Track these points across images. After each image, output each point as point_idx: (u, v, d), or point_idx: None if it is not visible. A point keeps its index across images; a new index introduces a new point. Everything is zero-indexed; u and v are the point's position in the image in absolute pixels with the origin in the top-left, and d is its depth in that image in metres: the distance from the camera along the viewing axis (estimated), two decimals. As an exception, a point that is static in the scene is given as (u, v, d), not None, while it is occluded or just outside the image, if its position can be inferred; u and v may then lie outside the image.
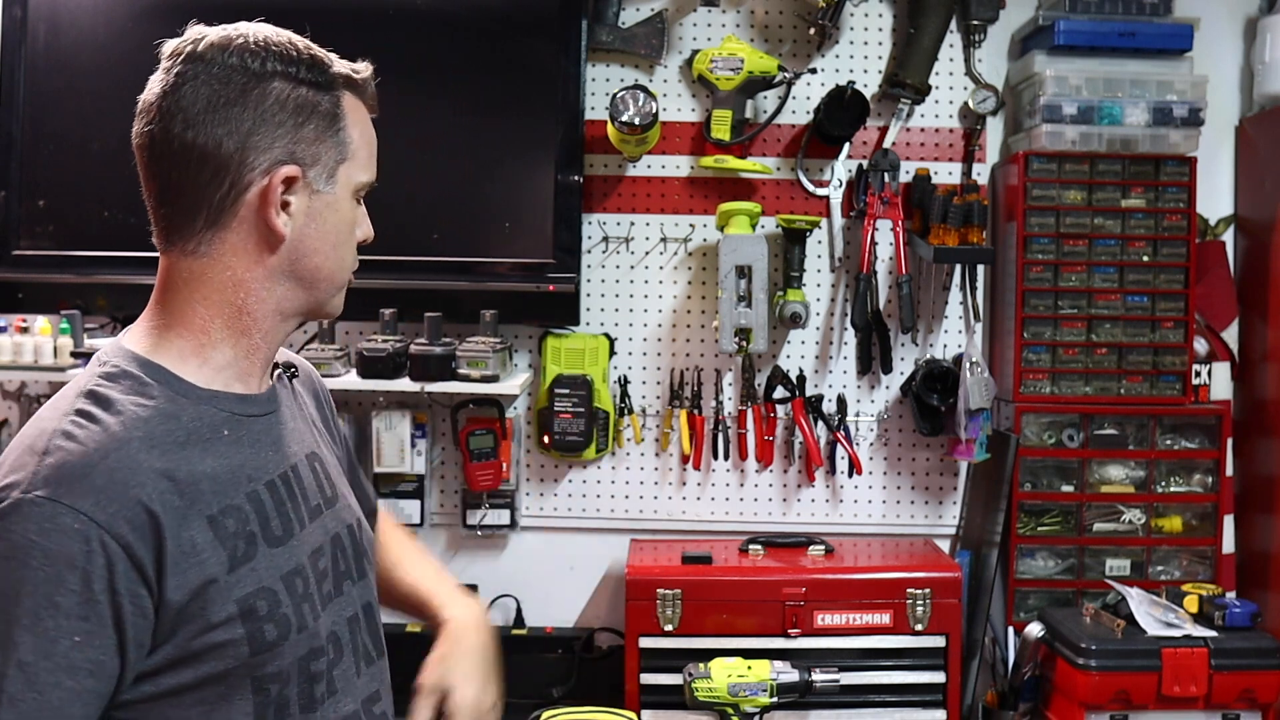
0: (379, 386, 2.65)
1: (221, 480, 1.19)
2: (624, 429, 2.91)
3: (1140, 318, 2.78)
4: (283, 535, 1.23)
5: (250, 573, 1.18)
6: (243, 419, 1.24)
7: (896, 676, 2.57)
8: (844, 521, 2.92)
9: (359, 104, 1.31)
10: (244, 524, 1.19)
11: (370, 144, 1.32)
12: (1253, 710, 2.49)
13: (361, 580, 1.36)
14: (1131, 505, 2.80)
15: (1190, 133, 2.78)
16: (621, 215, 2.91)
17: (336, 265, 1.28)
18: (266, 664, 1.18)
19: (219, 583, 1.15)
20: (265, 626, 1.18)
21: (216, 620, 1.14)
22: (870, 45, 2.90)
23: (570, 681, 2.78)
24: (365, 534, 1.40)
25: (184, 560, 1.13)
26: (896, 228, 2.82)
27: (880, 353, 2.88)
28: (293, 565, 1.23)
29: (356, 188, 1.29)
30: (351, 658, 1.31)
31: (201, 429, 1.20)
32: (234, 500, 1.19)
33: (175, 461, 1.15)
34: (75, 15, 2.73)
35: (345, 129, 1.27)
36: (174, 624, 1.13)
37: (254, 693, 1.18)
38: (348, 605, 1.32)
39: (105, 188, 2.71)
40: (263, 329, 1.26)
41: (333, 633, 1.27)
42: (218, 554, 1.15)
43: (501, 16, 2.77)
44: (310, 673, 1.23)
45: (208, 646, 1.14)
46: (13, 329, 2.72)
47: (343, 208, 1.27)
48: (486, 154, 2.78)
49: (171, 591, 1.12)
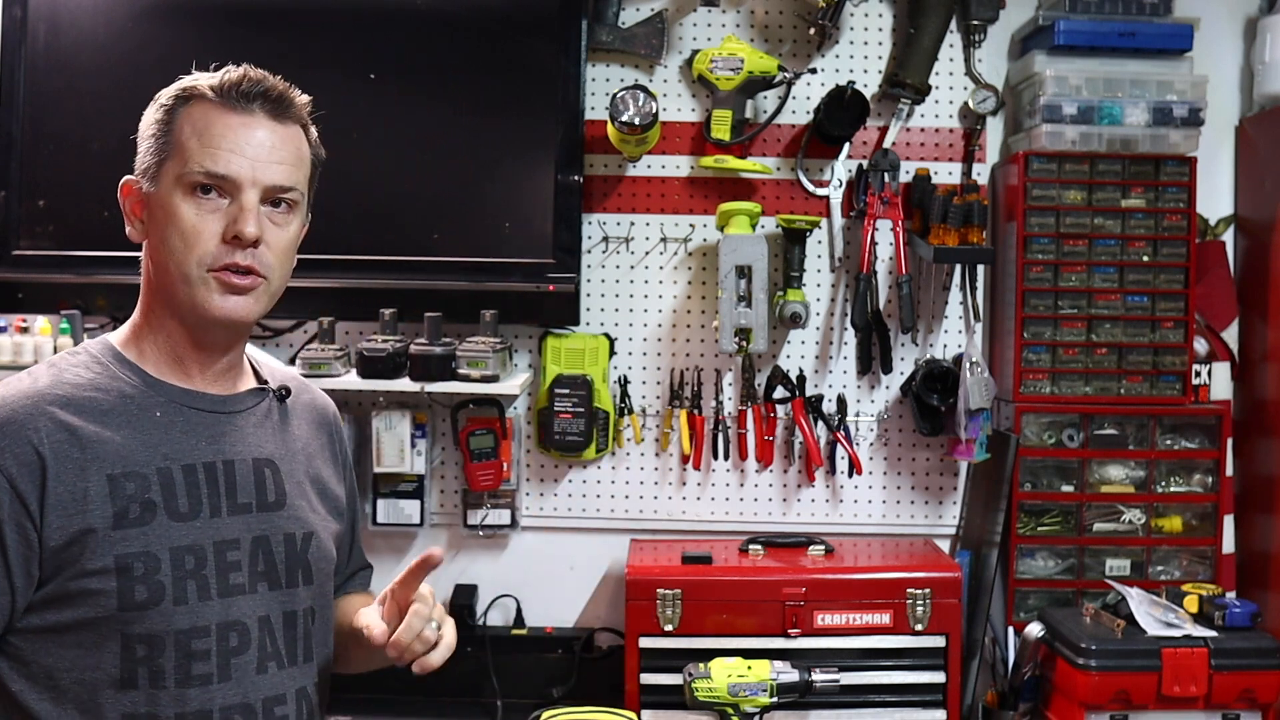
0: (379, 386, 2.65)
1: (133, 449, 1.34)
2: (624, 429, 2.91)
3: (1140, 318, 2.78)
4: (187, 513, 1.35)
5: (139, 535, 1.31)
6: (182, 408, 1.40)
7: (896, 676, 2.57)
8: (844, 521, 2.92)
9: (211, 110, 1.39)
10: (143, 490, 1.32)
11: (204, 134, 1.37)
12: (1253, 710, 2.49)
13: (289, 588, 1.44)
14: (1131, 505, 2.80)
15: (1190, 133, 2.78)
16: (621, 215, 2.91)
17: (170, 255, 1.37)
18: (134, 623, 1.31)
19: (97, 534, 1.29)
20: (136, 587, 1.30)
21: (91, 568, 1.29)
22: (870, 45, 2.90)
23: (570, 681, 2.78)
24: (314, 550, 1.48)
25: (69, 505, 1.29)
26: (896, 228, 2.82)
27: (880, 353, 2.88)
28: (188, 542, 1.35)
29: (179, 177, 1.37)
30: (255, 653, 1.39)
31: (131, 405, 1.36)
32: (141, 469, 1.33)
33: (86, 422, 1.32)
34: (75, 15, 2.73)
35: (172, 133, 1.38)
36: (56, 563, 1.29)
37: (122, 648, 1.31)
38: (261, 605, 1.40)
39: (105, 188, 2.65)
40: (167, 328, 1.41)
41: (239, 622, 1.37)
42: (104, 509, 1.30)
43: (501, 16, 2.77)
44: (190, 650, 1.33)
45: (81, 591, 1.29)
46: (13, 329, 2.72)
47: (167, 201, 1.37)
48: (486, 154, 2.78)
49: (52, 530, 1.28)
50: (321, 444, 1.59)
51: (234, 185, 1.37)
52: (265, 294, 1.41)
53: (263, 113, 1.40)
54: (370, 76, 2.75)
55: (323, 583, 1.50)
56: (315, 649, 1.48)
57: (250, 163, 1.37)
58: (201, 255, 1.36)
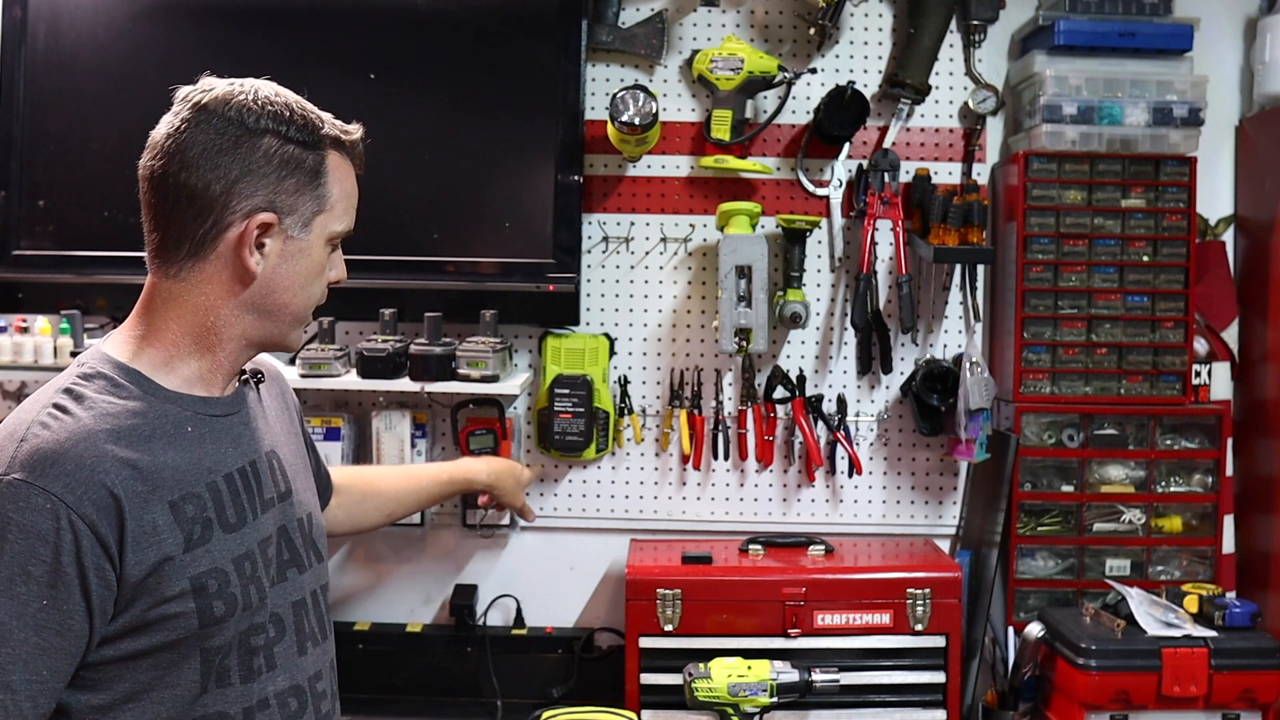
0: (379, 386, 2.65)
1: (183, 470, 1.36)
2: (624, 429, 2.91)
3: (1140, 318, 2.79)
4: (236, 522, 1.40)
5: (205, 554, 1.35)
6: (206, 418, 1.42)
7: (896, 676, 2.57)
8: (844, 521, 2.92)
9: (344, 161, 1.47)
10: (202, 510, 1.35)
11: (350, 197, 1.48)
12: (1253, 710, 2.49)
13: (310, 569, 1.53)
14: (1131, 505, 2.80)
15: (1190, 133, 2.78)
16: (621, 215, 2.91)
17: (302, 302, 1.46)
18: (213, 636, 1.35)
19: (174, 561, 1.32)
20: (214, 603, 1.34)
21: (170, 594, 1.31)
22: (870, 45, 2.90)
23: (570, 681, 2.78)
24: (316, 526, 1.58)
25: (144, 539, 1.30)
26: (896, 228, 2.82)
27: (880, 353, 2.88)
28: (244, 550, 1.39)
29: (331, 235, 1.46)
30: (294, 638, 1.47)
31: (166, 425, 1.37)
32: (194, 489, 1.36)
33: (139, 452, 1.32)
34: (75, 15, 2.73)
35: (326, 184, 1.43)
36: (133, 595, 1.29)
37: (201, 661, 1.35)
38: (294, 590, 1.48)
39: (105, 188, 2.71)
40: (227, 350, 1.44)
41: (275, 614, 1.44)
42: (175, 535, 1.32)
43: (501, 16, 2.77)
44: (250, 646, 1.40)
45: (162, 617, 1.31)
46: (13, 329, 2.72)
47: (314, 253, 1.44)
48: (486, 154, 2.78)
49: (131, 566, 1.29)
50: (289, 415, 1.67)
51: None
52: None
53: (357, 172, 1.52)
54: (370, 76, 2.75)
55: (326, 555, 1.61)
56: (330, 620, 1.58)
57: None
58: (320, 300, 1.50)
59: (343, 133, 1.47)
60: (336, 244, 1.50)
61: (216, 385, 1.46)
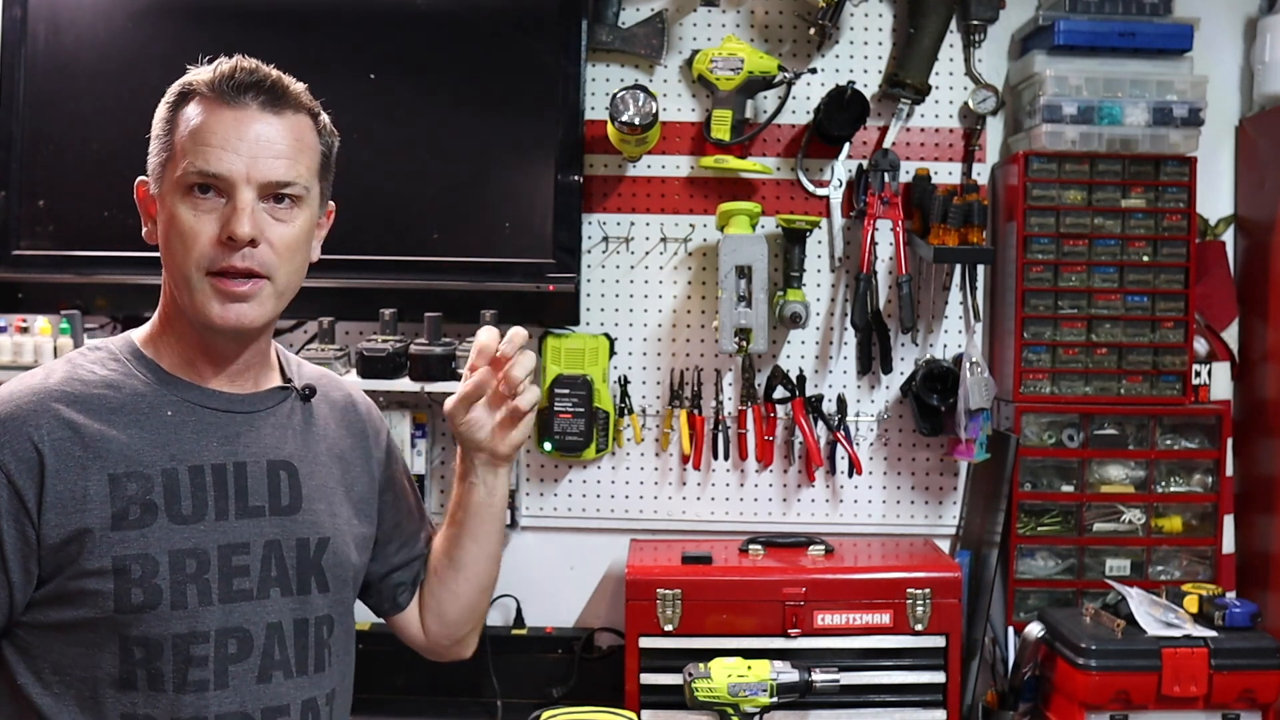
0: (379, 386, 2.65)
1: (137, 448, 1.31)
2: (624, 429, 2.91)
3: (1140, 318, 2.78)
4: (190, 516, 1.32)
5: (139, 537, 1.29)
6: (195, 407, 1.37)
7: (896, 676, 2.57)
8: (844, 521, 2.92)
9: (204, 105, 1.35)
10: (145, 492, 1.30)
11: (197, 132, 1.33)
12: (1253, 710, 2.49)
13: (301, 595, 1.39)
14: (1131, 505, 2.80)
15: (1190, 133, 2.78)
16: (621, 215, 2.91)
17: (172, 258, 1.35)
18: (131, 625, 1.29)
19: (94, 534, 1.27)
20: (133, 589, 1.28)
21: (89, 569, 1.27)
22: (870, 45, 2.90)
23: (570, 681, 2.78)
24: (330, 555, 1.43)
25: (69, 504, 1.27)
26: (896, 228, 2.82)
27: (880, 353, 2.88)
28: (189, 546, 1.32)
29: (181, 180, 1.33)
30: (257, 660, 1.35)
31: (141, 404, 1.34)
32: (145, 469, 1.31)
33: (91, 420, 1.30)
34: (75, 15, 2.73)
35: (173, 133, 1.35)
36: (56, 561, 1.28)
37: (120, 650, 1.29)
38: (271, 611, 1.36)
39: (105, 188, 2.70)
40: (179, 329, 1.39)
41: (241, 629, 1.34)
42: (103, 509, 1.28)
43: (501, 16, 2.77)
44: (189, 655, 1.31)
45: (79, 591, 1.28)
46: (13, 329, 2.71)
47: (169, 203, 1.35)
48: (486, 154, 2.78)
49: (50, 528, 1.27)
50: (352, 443, 1.53)
51: (228, 184, 1.32)
52: (271, 295, 1.37)
53: (256, 105, 1.34)
54: (370, 76, 2.75)
55: (340, 590, 1.45)
56: (332, 659, 1.43)
57: (245, 159, 1.32)
58: (199, 258, 1.32)
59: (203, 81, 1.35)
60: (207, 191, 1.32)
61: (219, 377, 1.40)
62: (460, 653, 1.66)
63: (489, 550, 1.59)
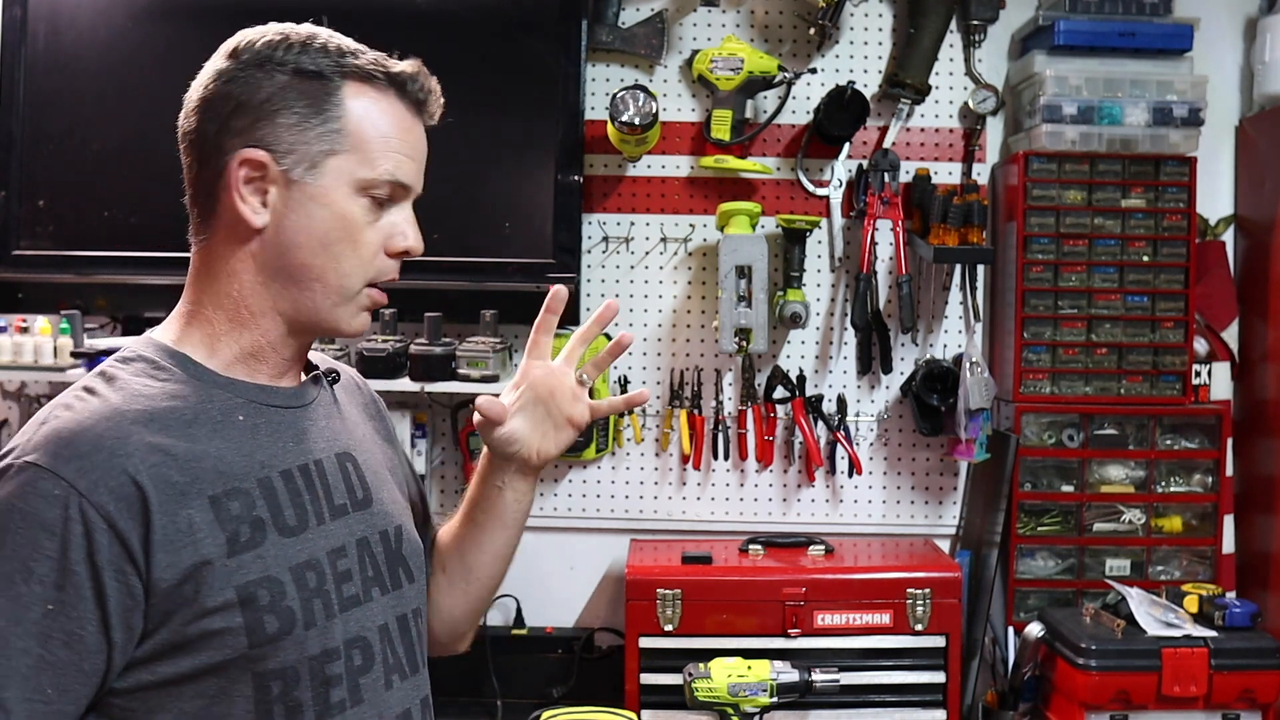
0: (379, 386, 2.59)
1: (230, 461, 1.16)
2: (624, 429, 2.91)
3: (1140, 318, 2.78)
4: (296, 526, 1.19)
5: (255, 559, 1.14)
6: (261, 407, 1.22)
7: (896, 676, 2.57)
8: (844, 521, 2.92)
9: (385, 99, 1.26)
10: (250, 508, 1.15)
11: (389, 139, 1.24)
12: (1253, 710, 2.49)
13: (396, 590, 1.29)
14: (1131, 505, 2.80)
15: (1190, 133, 2.78)
16: (621, 215, 2.91)
17: (331, 267, 1.21)
18: (268, 658, 1.13)
19: (214, 565, 1.11)
20: (266, 618, 1.13)
21: (212, 605, 1.10)
22: (870, 45, 2.90)
23: (570, 681, 2.78)
24: (407, 543, 1.34)
25: (177, 539, 1.09)
26: (896, 228, 2.82)
27: (880, 353, 2.88)
28: (305, 558, 1.18)
29: (361, 184, 1.22)
30: (380, 668, 1.24)
31: (212, 411, 1.18)
32: (243, 484, 1.15)
33: (177, 438, 1.13)
34: (75, 15, 2.73)
35: (341, 121, 1.22)
36: (167, 607, 1.09)
37: (255, 689, 1.13)
38: (377, 613, 1.25)
39: (105, 188, 2.70)
40: (263, 327, 1.23)
41: (360, 638, 1.22)
42: (216, 536, 1.12)
43: (501, 16, 2.77)
44: (325, 676, 1.17)
45: (203, 633, 1.10)
46: (13, 329, 2.72)
47: (334, 202, 1.20)
48: (486, 154, 2.78)
49: (162, 570, 1.08)
50: (373, 424, 1.45)
51: (405, 196, 1.26)
52: None
53: (425, 117, 1.30)
54: (370, 76, 2.74)
55: (420, 577, 1.35)
56: (425, 652, 1.36)
57: (419, 173, 1.28)
58: (369, 268, 1.23)
59: (375, 64, 1.26)
60: (386, 199, 1.24)
61: (271, 372, 1.25)
62: (458, 648, 1.57)
63: (507, 554, 1.51)
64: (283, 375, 1.26)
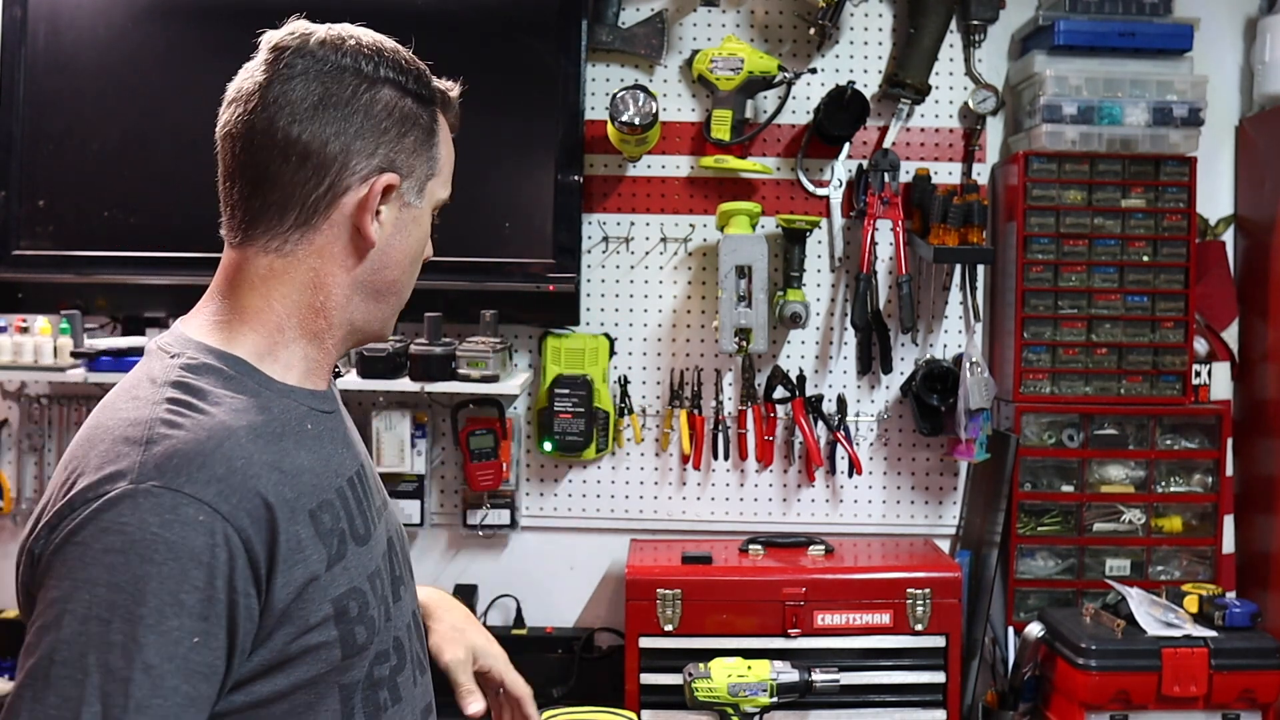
0: (379, 386, 2.65)
1: (317, 473, 1.14)
2: (624, 429, 2.91)
3: (1140, 318, 2.78)
4: (364, 534, 1.18)
5: (343, 571, 1.12)
6: (319, 415, 1.19)
7: (896, 676, 2.57)
8: (844, 521, 2.92)
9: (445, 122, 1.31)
10: (336, 520, 1.13)
11: (451, 162, 1.32)
12: (1253, 710, 2.49)
13: (409, 589, 1.30)
14: (1131, 505, 2.80)
15: (1190, 133, 2.78)
16: (621, 215, 2.91)
17: (409, 281, 1.26)
18: (353, 669, 1.12)
19: (319, 581, 1.09)
20: (356, 628, 1.12)
21: (314, 621, 1.08)
22: (870, 45, 2.90)
23: (570, 681, 2.78)
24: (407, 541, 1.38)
25: (292, 556, 1.07)
26: (896, 228, 2.82)
27: (880, 353, 2.88)
28: (374, 565, 1.18)
29: (438, 204, 1.29)
30: (410, 666, 1.24)
31: (290, 422, 1.14)
32: (327, 495, 1.14)
33: (278, 454, 1.10)
34: (75, 15, 2.73)
35: (438, 145, 1.27)
36: (274, 626, 1.06)
37: (340, 701, 1.12)
38: (405, 612, 1.25)
39: (105, 188, 2.70)
40: (335, 337, 1.21)
41: (396, 638, 1.21)
42: (319, 550, 1.10)
43: (501, 16, 2.77)
44: (374, 678, 1.16)
45: (303, 650, 1.08)
46: (13, 329, 2.72)
47: (425, 223, 1.27)
48: (487, 154, 2.78)
49: (279, 590, 1.05)
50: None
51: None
52: None
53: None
54: (370, 76, 2.74)
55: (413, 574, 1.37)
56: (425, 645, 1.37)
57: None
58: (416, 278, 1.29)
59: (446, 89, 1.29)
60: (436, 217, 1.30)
61: (318, 378, 1.21)
62: None
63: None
64: (323, 380, 1.24)
